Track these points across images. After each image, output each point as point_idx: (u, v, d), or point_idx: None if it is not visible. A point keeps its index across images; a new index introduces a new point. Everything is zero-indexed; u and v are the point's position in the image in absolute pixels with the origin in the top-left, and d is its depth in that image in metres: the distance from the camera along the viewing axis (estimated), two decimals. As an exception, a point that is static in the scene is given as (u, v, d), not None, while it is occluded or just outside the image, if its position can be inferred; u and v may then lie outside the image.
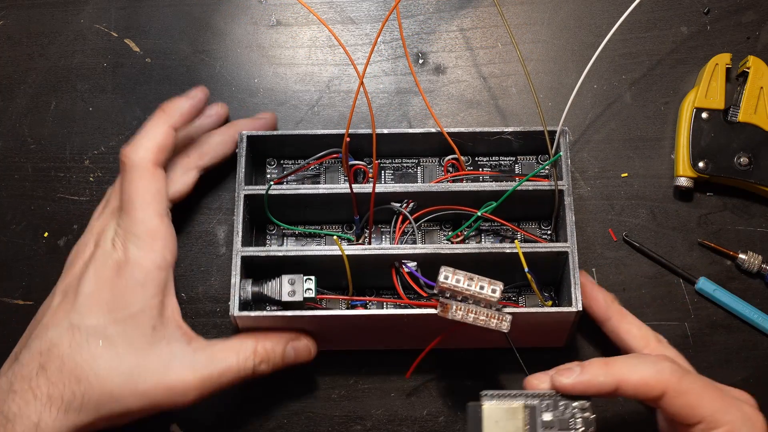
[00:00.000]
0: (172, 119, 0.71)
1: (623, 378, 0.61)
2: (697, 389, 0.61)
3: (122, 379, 0.64)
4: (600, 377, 0.61)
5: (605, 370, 0.62)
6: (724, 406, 0.61)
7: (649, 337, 0.70)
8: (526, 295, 0.77)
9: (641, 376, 0.61)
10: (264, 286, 0.72)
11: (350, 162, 0.76)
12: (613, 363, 0.62)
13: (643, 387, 0.61)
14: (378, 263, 0.73)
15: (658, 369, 0.61)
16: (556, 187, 0.74)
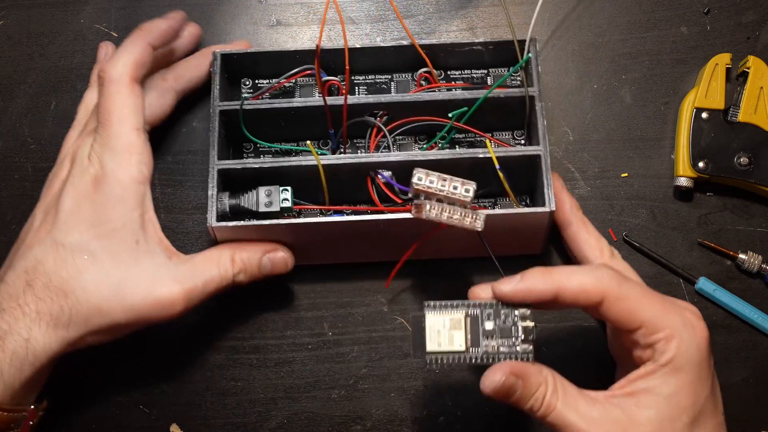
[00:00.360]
0: (150, 37, 0.72)
1: (562, 284, 0.62)
2: (635, 294, 0.62)
3: (109, 293, 0.66)
4: (539, 284, 0.62)
5: (545, 277, 0.62)
6: (663, 311, 0.62)
7: (604, 249, 0.72)
8: (501, 205, 0.79)
9: (580, 282, 0.62)
10: (241, 198, 0.74)
11: (324, 78, 0.78)
12: (553, 270, 0.63)
13: (582, 293, 0.62)
14: (353, 173, 0.75)
15: (597, 276, 0.62)
16: (527, 93, 0.76)
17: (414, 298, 0.78)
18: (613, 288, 0.62)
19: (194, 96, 0.83)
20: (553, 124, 0.83)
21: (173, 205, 0.81)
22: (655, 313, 0.61)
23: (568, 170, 0.82)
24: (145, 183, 0.69)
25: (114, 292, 0.66)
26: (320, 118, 0.76)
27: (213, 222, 0.72)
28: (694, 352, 0.62)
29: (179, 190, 0.81)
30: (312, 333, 0.78)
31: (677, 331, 0.61)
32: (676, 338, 0.61)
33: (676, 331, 0.61)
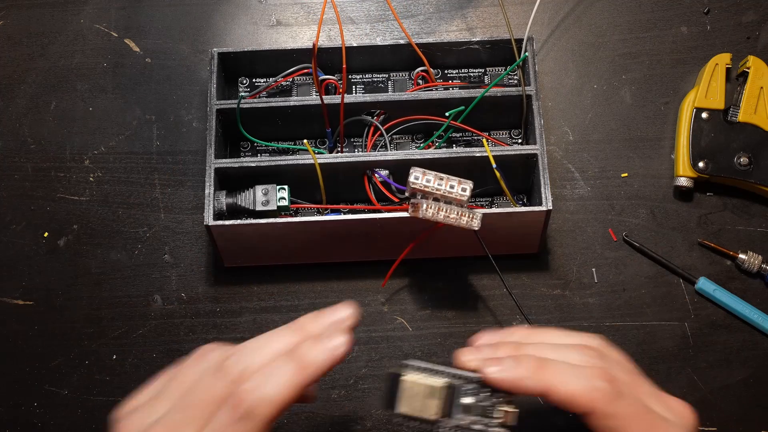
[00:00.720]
0: (310, 377, 0.55)
1: (552, 387, 0.58)
2: (626, 416, 0.58)
3: None
4: (528, 381, 0.58)
5: (536, 373, 0.58)
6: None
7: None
8: (498, 204, 0.79)
9: (571, 390, 0.58)
10: (238, 197, 0.74)
11: (321, 77, 0.78)
12: (546, 367, 0.58)
13: (570, 401, 0.57)
14: (350, 172, 0.75)
15: (591, 387, 0.58)
16: (524, 92, 0.76)
17: (412, 298, 0.78)
18: (604, 404, 0.57)
19: (194, 96, 0.84)
20: (553, 124, 0.83)
21: (173, 205, 0.81)
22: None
23: (568, 170, 0.82)
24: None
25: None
26: (317, 116, 0.76)
27: (210, 221, 0.72)
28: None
29: (179, 190, 0.81)
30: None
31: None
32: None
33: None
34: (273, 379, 0.54)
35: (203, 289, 0.79)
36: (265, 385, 0.53)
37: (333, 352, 0.55)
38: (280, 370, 0.54)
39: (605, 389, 0.58)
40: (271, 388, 0.53)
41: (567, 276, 0.79)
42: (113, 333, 0.77)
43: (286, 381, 0.54)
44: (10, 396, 0.76)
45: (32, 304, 0.78)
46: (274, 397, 0.53)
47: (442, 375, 0.59)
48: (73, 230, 0.80)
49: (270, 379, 0.54)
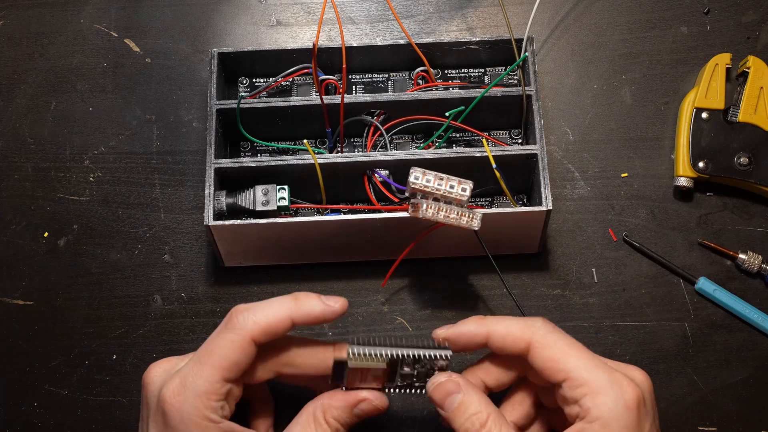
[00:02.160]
0: (298, 312, 0.64)
1: (493, 330, 0.63)
2: (562, 345, 0.62)
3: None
4: (471, 327, 0.64)
5: (478, 322, 0.64)
6: (590, 365, 0.61)
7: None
8: (498, 204, 0.79)
9: (509, 327, 0.63)
10: (238, 197, 0.74)
11: (321, 77, 0.79)
12: (486, 318, 0.65)
13: (509, 338, 0.63)
14: (350, 172, 0.75)
15: (527, 324, 0.63)
16: (524, 92, 0.76)
17: (412, 298, 0.78)
18: (540, 335, 0.62)
19: (194, 96, 0.84)
20: (553, 124, 0.83)
21: (173, 205, 0.81)
22: (580, 365, 0.60)
23: (568, 170, 0.82)
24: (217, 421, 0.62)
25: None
26: (317, 116, 0.77)
27: (210, 221, 0.72)
28: (622, 411, 0.59)
29: (179, 190, 0.81)
30: (312, 332, 0.78)
31: (603, 387, 0.60)
32: (602, 395, 0.59)
33: (602, 388, 0.60)
34: (265, 306, 0.63)
35: (203, 289, 0.79)
36: (257, 309, 0.63)
37: (328, 304, 0.64)
38: (273, 301, 0.63)
39: (542, 325, 0.63)
40: (261, 311, 0.62)
41: (567, 276, 0.79)
42: (113, 333, 0.77)
43: (276, 309, 0.63)
44: (10, 396, 0.76)
45: (32, 304, 0.78)
46: (261, 318, 0.62)
47: (384, 348, 0.64)
48: (73, 230, 0.80)
49: (263, 306, 0.63)
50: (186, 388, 0.61)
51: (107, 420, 0.75)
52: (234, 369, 0.62)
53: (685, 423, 0.75)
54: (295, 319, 0.63)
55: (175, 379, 0.62)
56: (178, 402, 0.61)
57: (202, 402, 0.61)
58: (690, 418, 0.75)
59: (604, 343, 0.77)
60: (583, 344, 0.74)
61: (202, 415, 0.61)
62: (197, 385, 0.61)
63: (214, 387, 0.61)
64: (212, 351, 0.62)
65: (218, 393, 0.61)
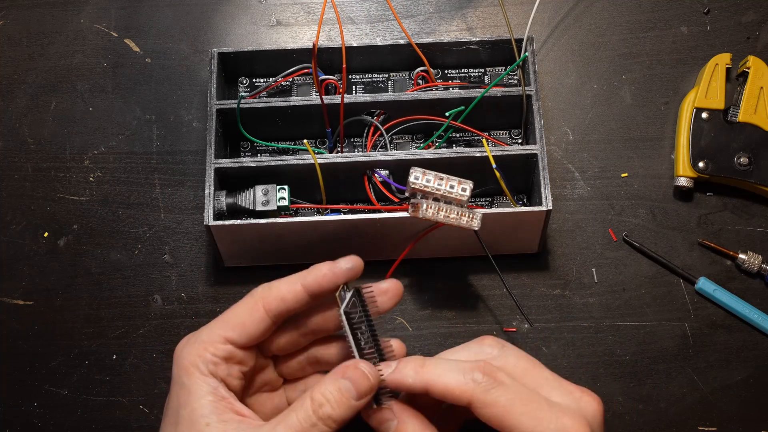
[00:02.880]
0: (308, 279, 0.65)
1: (431, 383, 0.61)
2: (504, 402, 0.59)
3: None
4: (409, 378, 0.61)
5: (416, 372, 0.61)
6: (534, 419, 0.59)
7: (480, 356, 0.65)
8: (498, 204, 0.79)
9: (446, 383, 0.60)
10: (238, 197, 0.74)
11: (321, 77, 0.79)
12: (426, 365, 0.62)
13: (449, 395, 0.60)
14: (350, 172, 0.75)
15: (466, 379, 0.60)
16: (524, 92, 0.76)
17: (412, 298, 0.78)
18: (479, 394, 0.59)
19: (194, 96, 0.84)
20: (553, 124, 0.83)
21: (173, 205, 0.81)
22: (524, 421, 0.59)
23: (568, 170, 0.82)
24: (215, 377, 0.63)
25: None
26: (317, 117, 0.77)
27: (210, 221, 0.72)
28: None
29: (179, 190, 0.81)
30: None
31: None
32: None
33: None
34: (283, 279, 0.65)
35: (203, 289, 0.79)
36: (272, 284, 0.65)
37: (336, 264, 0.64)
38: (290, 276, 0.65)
39: (481, 380, 0.60)
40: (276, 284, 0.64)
41: (567, 276, 0.79)
42: (113, 333, 0.77)
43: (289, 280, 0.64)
44: (10, 396, 0.76)
45: (32, 304, 0.78)
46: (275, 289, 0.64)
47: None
48: (73, 230, 0.80)
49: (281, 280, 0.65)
50: (192, 337, 0.64)
51: (107, 420, 0.75)
52: (239, 330, 0.63)
53: (685, 423, 0.75)
54: (306, 285, 0.64)
55: (190, 334, 0.65)
56: (181, 347, 0.64)
57: (195, 349, 0.63)
58: (690, 418, 0.75)
59: (604, 343, 0.77)
60: (582, 343, 0.75)
61: (191, 361, 0.62)
62: (200, 335, 0.63)
63: (213, 339, 0.63)
64: (226, 313, 0.65)
65: (215, 346, 0.63)
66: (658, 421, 0.75)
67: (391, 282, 0.66)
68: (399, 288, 0.66)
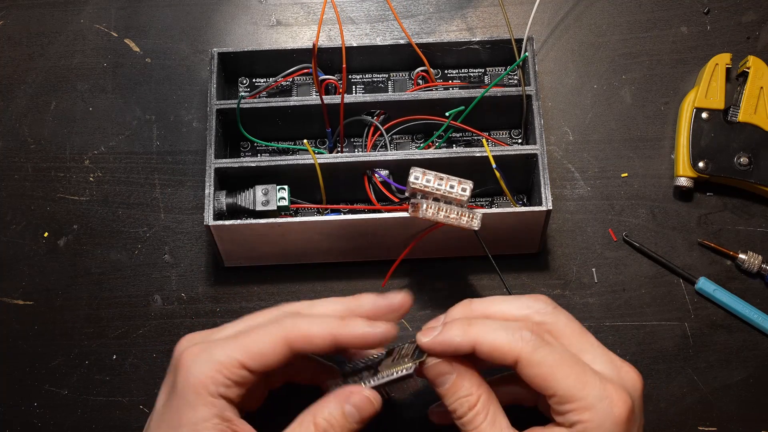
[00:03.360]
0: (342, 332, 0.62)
1: (478, 340, 0.60)
2: (551, 362, 0.60)
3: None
4: (457, 338, 0.61)
5: (463, 331, 0.61)
6: (579, 381, 0.59)
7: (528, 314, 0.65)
8: (498, 204, 0.79)
9: (495, 340, 0.60)
10: (238, 197, 0.74)
11: (321, 77, 0.79)
12: (473, 324, 0.62)
13: (496, 352, 0.60)
14: (350, 172, 0.75)
15: (514, 337, 0.60)
16: (524, 92, 0.76)
17: (412, 298, 0.78)
18: (527, 352, 0.60)
19: (194, 96, 0.84)
20: (553, 124, 0.83)
21: (173, 205, 0.81)
22: (569, 383, 0.59)
23: (568, 170, 0.82)
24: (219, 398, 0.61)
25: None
26: (317, 117, 0.77)
27: (210, 221, 0.72)
28: (609, 426, 0.59)
29: (179, 190, 0.81)
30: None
31: (591, 403, 0.59)
32: (589, 411, 0.59)
33: (590, 404, 0.59)
34: (316, 320, 0.62)
35: (203, 289, 0.79)
36: (302, 320, 0.62)
37: (370, 331, 0.62)
38: (324, 319, 0.62)
39: (530, 338, 0.60)
40: (307, 323, 0.61)
41: (567, 276, 0.79)
42: (113, 333, 0.77)
43: (321, 324, 0.61)
44: (10, 396, 0.76)
45: (32, 304, 0.78)
46: (305, 328, 0.61)
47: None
48: (73, 230, 0.80)
49: (314, 319, 0.62)
50: (205, 352, 0.61)
51: (107, 420, 0.75)
52: (258, 360, 0.61)
53: (685, 423, 0.75)
54: (338, 339, 0.61)
55: (201, 344, 0.62)
56: (190, 359, 0.61)
57: (209, 369, 0.60)
58: (690, 418, 0.75)
59: (604, 343, 0.75)
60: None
61: (202, 382, 0.60)
62: (214, 353, 0.60)
63: (230, 363, 0.60)
64: (249, 335, 0.61)
65: (231, 371, 0.60)
66: (658, 421, 0.75)
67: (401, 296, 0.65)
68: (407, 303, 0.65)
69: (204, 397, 0.60)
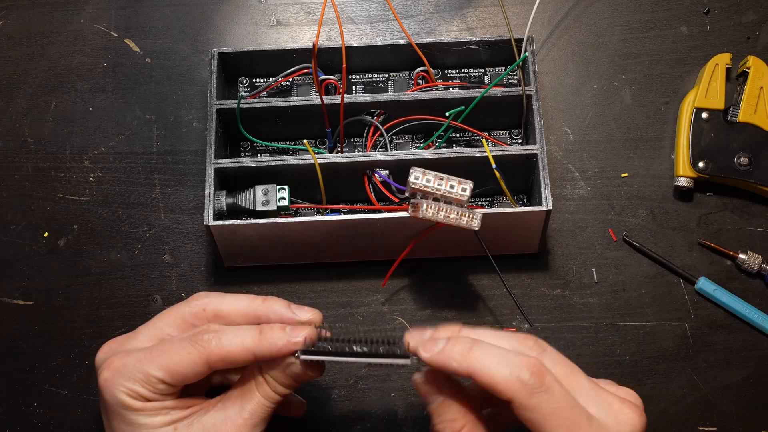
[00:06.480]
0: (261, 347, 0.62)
1: (477, 370, 0.58)
2: (545, 410, 0.57)
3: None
4: (455, 362, 0.59)
5: (463, 356, 0.59)
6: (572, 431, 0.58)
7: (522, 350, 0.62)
8: (498, 204, 0.80)
9: (493, 376, 0.58)
10: (238, 197, 0.74)
11: (321, 77, 0.79)
12: (475, 350, 0.59)
13: (492, 387, 0.58)
14: (350, 172, 0.75)
15: (513, 376, 0.57)
16: (524, 92, 0.76)
17: (412, 298, 0.78)
18: (523, 395, 0.57)
19: (194, 96, 0.84)
20: (553, 124, 0.83)
21: (173, 205, 0.81)
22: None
23: (568, 170, 0.82)
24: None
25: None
26: (317, 117, 0.77)
27: (210, 221, 0.72)
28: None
29: (179, 190, 0.81)
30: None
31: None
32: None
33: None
34: (234, 337, 0.61)
35: (203, 289, 0.79)
36: (221, 338, 0.61)
37: (291, 336, 0.61)
38: (242, 333, 0.62)
39: (528, 381, 0.57)
40: (226, 340, 0.61)
41: (567, 276, 0.79)
42: (113, 333, 0.77)
43: (240, 340, 0.61)
44: (10, 396, 0.76)
45: (32, 304, 0.78)
46: (224, 346, 0.61)
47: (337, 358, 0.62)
48: (73, 230, 0.80)
49: (232, 336, 0.61)
50: (123, 371, 0.61)
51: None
52: (178, 378, 0.61)
53: (685, 423, 0.75)
54: (258, 354, 0.61)
55: (117, 358, 0.62)
56: (113, 380, 0.61)
57: (132, 391, 0.61)
58: (690, 418, 0.75)
59: (604, 343, 0.77)
60: (583, 344, 0.75)
61: (129, 405, 0.61)
62: (134, 372, 0.61)
63: (150, 380, 0.61)
64: (167, 352, 0.61)
65: (153, 386, 0.61)
66: (658, 421, 0.75)
67: (310, 314, 0.65)
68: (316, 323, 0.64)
69: (135, 412, 0.61)
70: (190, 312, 0.65)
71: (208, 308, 0.65)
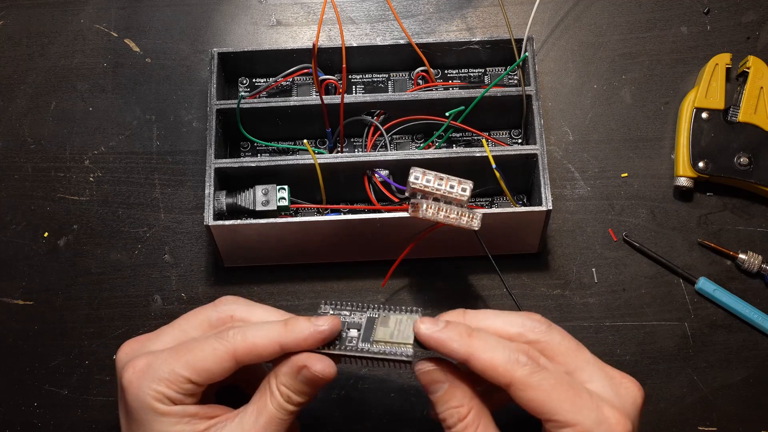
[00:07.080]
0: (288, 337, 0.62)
1: (475, 354, 0.59)
2: (546, 386, 0.58)
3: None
4: (454, 343, 0.59)
5: (463, 338, 0.60)
6: (575, 406, 0.58)
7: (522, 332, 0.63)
8: (498, 204, 0.80)
9: (492, 358, 0.59)
10: (238, 197, 0.74)
11: (321, 77, 0.79)
12: (474, 336, 0.60)
13: (490, 371, 0.59)
14: (350, 172, 0.75)
15: (511, 358, 0.59)
16: (524, 92, 0.76)
17: (412, 298, 0.78)
18: (523, 375, 0.58)
19: (194, 96, 0.84)
20: (553, 124, 0.83)
21: (173, 205, 0.81)
22: (566, 408, 0.58)
23: (568, 170, 0.82)
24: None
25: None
26: (317, 116, 0.77)
27: (210, 221, 0.72)
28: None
29: (179, 190, 0.81)
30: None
31: (588, 428, 0.58)
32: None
33: (587, 429, 0.58)
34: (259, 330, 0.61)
35: (203, 289, 0.79)
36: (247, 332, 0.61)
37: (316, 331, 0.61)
38: (267, 326, 0.62)
39: (525, 362, 0.59)
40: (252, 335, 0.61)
41: (567, 276, 0.79)
42: (113, 333, 0.77)
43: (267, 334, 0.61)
44: (10, 396, 0.76)
45: (32, 304, 0.78)
46: (249, 340, 0.61)
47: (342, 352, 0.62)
48: (73, 230, 0.80)
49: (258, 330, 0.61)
50: (149, 372, 0.61)
51: (107, 420, 0.75)
52: (204, 375, 0.61)
53: (685, 423, 0.75)
54: (284, 345, 0.61)
55: (142, 359, 0.61)
56: (137, 387, 0.61)
57: (157, 391, 0.60)
58: (690, 418, 0.75)
59: (604, 343, 0.77)
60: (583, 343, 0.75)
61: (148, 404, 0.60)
62: (159, 372, 0.60)
63: (177, 379, 0.60)
64: (192, 349, 0.61)
65: (178, 386, 0.60)
66: (658, 421, 0.75)
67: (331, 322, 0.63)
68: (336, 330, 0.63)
69: (160, 416, 0.61)
70: (218, 317, 0.64)
71: (236, 316, 0.64)
